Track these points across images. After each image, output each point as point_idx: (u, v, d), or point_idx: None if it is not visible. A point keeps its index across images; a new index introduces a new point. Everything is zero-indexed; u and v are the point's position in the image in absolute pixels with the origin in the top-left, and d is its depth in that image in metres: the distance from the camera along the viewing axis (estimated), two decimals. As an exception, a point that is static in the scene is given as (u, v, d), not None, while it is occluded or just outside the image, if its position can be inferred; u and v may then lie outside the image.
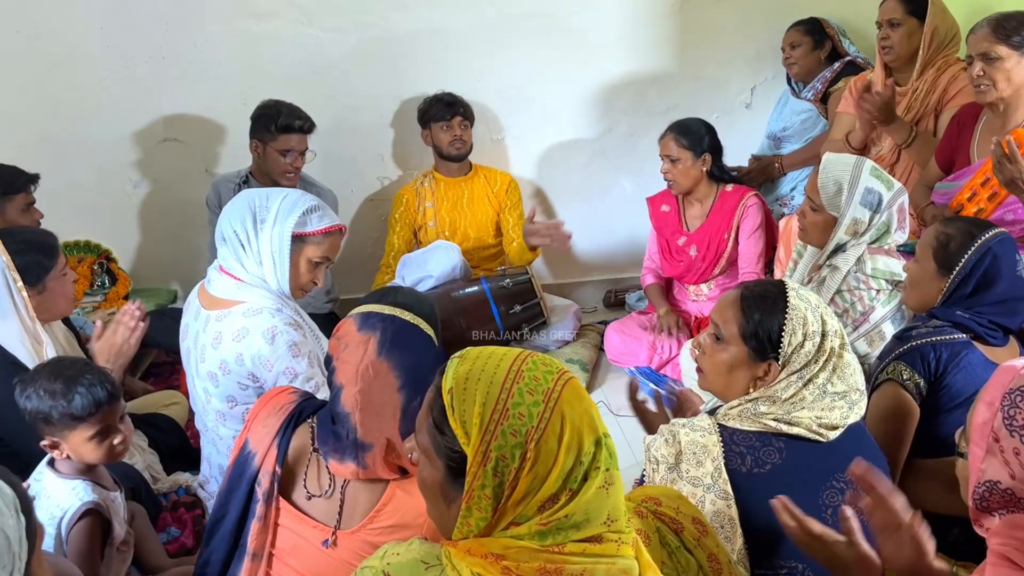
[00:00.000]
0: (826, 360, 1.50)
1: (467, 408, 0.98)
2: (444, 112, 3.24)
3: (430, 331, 1.47)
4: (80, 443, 1.66)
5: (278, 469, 1.46)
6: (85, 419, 1.64)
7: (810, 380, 1.50)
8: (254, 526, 1.45)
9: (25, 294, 2.03)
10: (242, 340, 1.96)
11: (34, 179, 2.67)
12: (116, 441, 1.69)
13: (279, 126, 2.96)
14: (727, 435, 1.52)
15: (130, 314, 2.16)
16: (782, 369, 1.52)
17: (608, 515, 0.98)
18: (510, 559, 0.95)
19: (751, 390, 1.56)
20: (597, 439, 0.99)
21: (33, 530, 1.08)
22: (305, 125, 3.02)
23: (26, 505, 1.08)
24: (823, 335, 1.50)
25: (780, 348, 1.51)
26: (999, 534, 1.06)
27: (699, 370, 1.68)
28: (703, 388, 1.70)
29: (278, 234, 1.98)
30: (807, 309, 1.51)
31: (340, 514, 1.46)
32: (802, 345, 1.50)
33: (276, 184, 3.02)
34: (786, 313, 1.51)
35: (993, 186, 2.30)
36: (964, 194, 2.42)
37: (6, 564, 1.00)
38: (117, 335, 2.14)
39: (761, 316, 1.53)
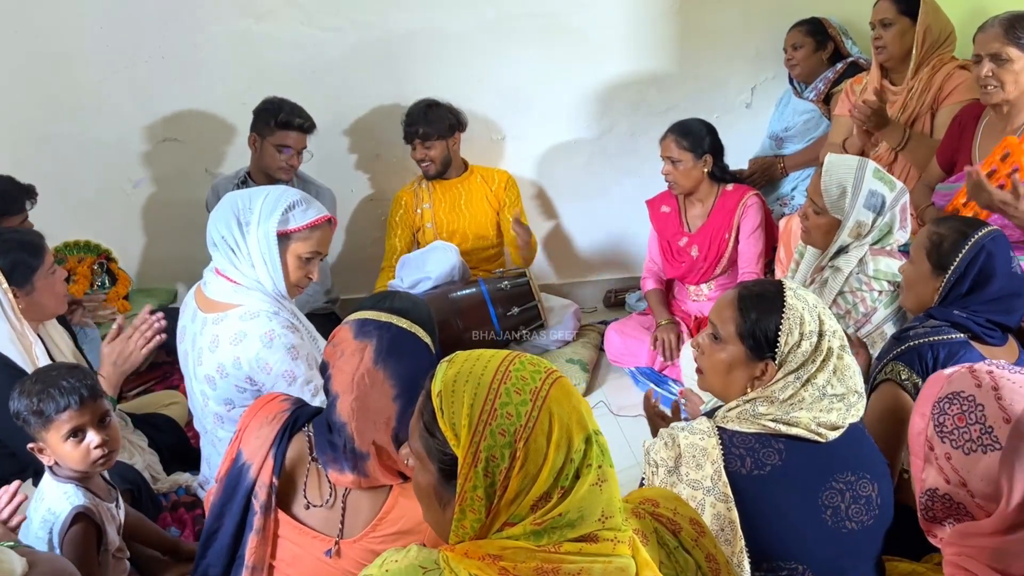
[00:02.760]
0: (824, 360, 1.50)
1: (456, 410, 0.98)
2: (406, 133, 3.24)
3: (427, 338, 1.45)
4: (57, 444, 1.64)
5: (275, 481, 1.44)
6: (54, 418, 1.62)
7: (808, 381, 1.50)
8: (252, 539, 1.43)
9: (11, 295, 2.03)
10: (239, 344, 1.96)
11: (32, 195, 2.62)
12: (94, 444, 1.65)
13: (279, 121, 2.99)
14: (726, 437, 1.52)
15: (149, 324, 2.13)
16: (779, 369, 1.52)
17: (603, 512, 0.98)
18: (507, 560, 0.95)
19: (749, 390, 1.56)
20: (587, 436, 0.99)
21: None
22: (305, 124, 3.03)
23: None
24: (820, 335, 1.50)
25: (777, 347, 1.51)
26: (951, 544, 1.09)
27: (699, 370, 1.68)
28: (703, 388, 1.70)
29: (263, 235, 1.95)
30: (804, 309, 1.51)
31: (342, 523, 1.44)
32: (799, 345, 1.50)
33: (273, 181, 3.03)
34: (783, 313, 1.51)
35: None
36: (960, 199, 2.42)
37: None
38: (130, 341, 2.12)
39: (758, 315, 1.53)
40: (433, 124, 3.19)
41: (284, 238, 1.98)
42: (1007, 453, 1.02)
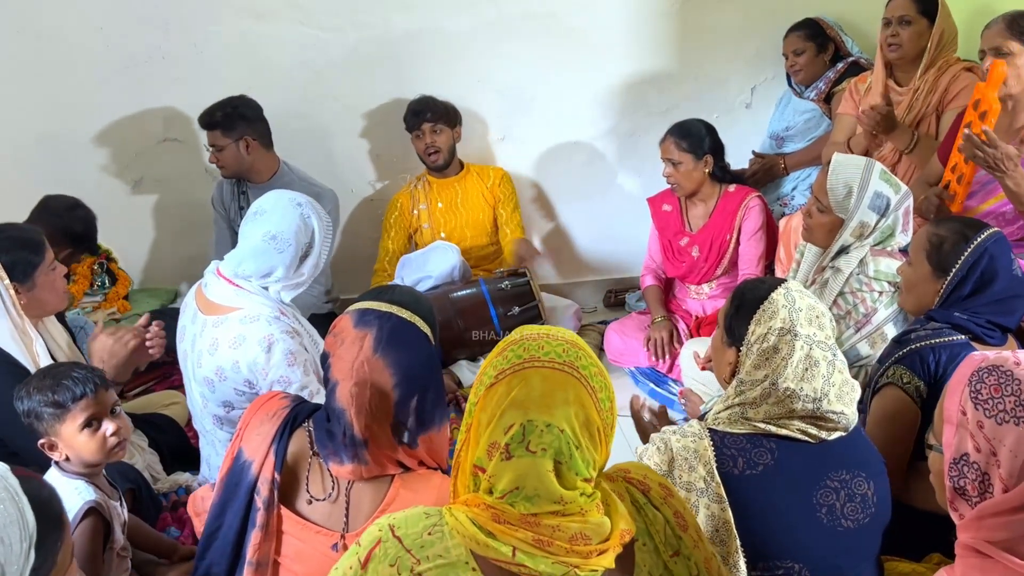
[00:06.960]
0: (783, 360, 1.50)
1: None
2: (413, 121, 3.23)
3: (426, 329, 1.47)
4: (72, 436, 1.65)
5: (277, 476, 1.45)
6: (70, 408, 1.64)
7: (775, 383, 1.50)
8: (255, 535, 1.44)
9: (12, 292, 2.03)
10: (238, 348, 1.96)
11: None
12: (109, 432, 1.67)
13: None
14: (718, 439, 1.52)
15: (149, 330, 2.16)
16: (745, 359, 1.55)
17: (561, 497, 1.03)
18: (498, 508, 1.03)
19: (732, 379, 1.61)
20: (528, 421, 1.04)
21: (52, 556, 1.11)
22: (203, 120, 3.01)
23: (52, 531, 1.10)
24: (793, 335, 1.50)
25: (744, 337, 1.55)
26: (967, 528, 1.10)
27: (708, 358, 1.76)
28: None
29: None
30: (784, 307, 1.52)
31: (347, 517, 1.45)
32: (763, 339, 1.51)
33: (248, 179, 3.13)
34: (761, 304, 1.54)
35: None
36: (952, 160, 2.48)
37: None
38: (113, 336, 2.12)
39: (741, 303, 1.58)
40: (441, 109, 3.23)
41: None
42: None
